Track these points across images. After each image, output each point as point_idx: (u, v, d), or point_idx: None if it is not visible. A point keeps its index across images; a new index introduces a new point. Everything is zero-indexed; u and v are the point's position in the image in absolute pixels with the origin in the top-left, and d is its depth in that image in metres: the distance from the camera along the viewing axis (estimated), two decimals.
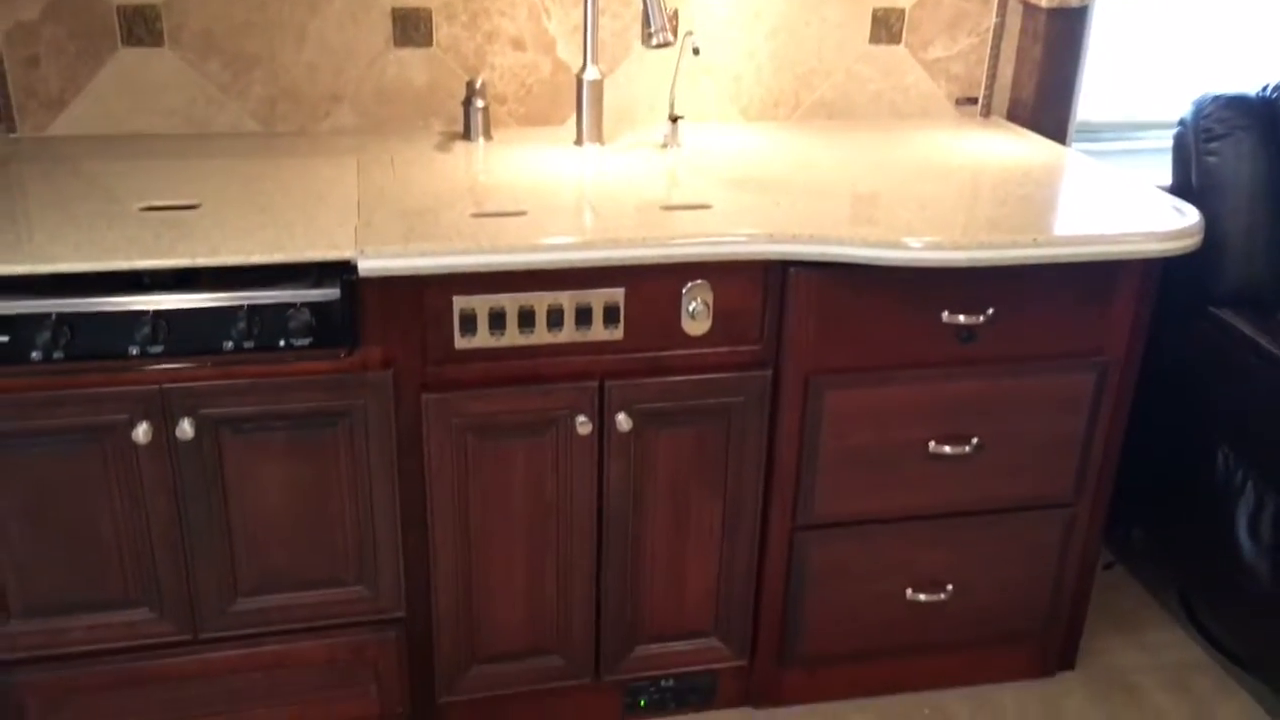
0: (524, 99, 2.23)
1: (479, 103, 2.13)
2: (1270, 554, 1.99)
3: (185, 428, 1.61)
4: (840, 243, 1.73)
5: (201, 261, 1.55)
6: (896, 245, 1.73)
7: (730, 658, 2.03)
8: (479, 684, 1.93)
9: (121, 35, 2.01)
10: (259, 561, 1.74)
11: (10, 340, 1.52)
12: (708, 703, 2.09)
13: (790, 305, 1.80)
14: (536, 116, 2.25)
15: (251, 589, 1.76)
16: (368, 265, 1.60)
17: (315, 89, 2.13)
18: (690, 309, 1.77)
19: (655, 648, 1.99)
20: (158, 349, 1.57)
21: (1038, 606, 2.11)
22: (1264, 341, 2.05)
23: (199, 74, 2.07)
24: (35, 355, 1.53)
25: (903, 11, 2.33)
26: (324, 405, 1.67)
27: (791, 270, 1.77)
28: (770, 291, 1.79)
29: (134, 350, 1.57)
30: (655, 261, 1.71)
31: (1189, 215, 1.86)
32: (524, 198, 1.85)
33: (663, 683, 2.05)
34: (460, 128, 2.21)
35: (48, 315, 1.52)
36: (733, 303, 1.79)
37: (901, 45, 2.36)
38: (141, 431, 1.60)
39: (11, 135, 2.04)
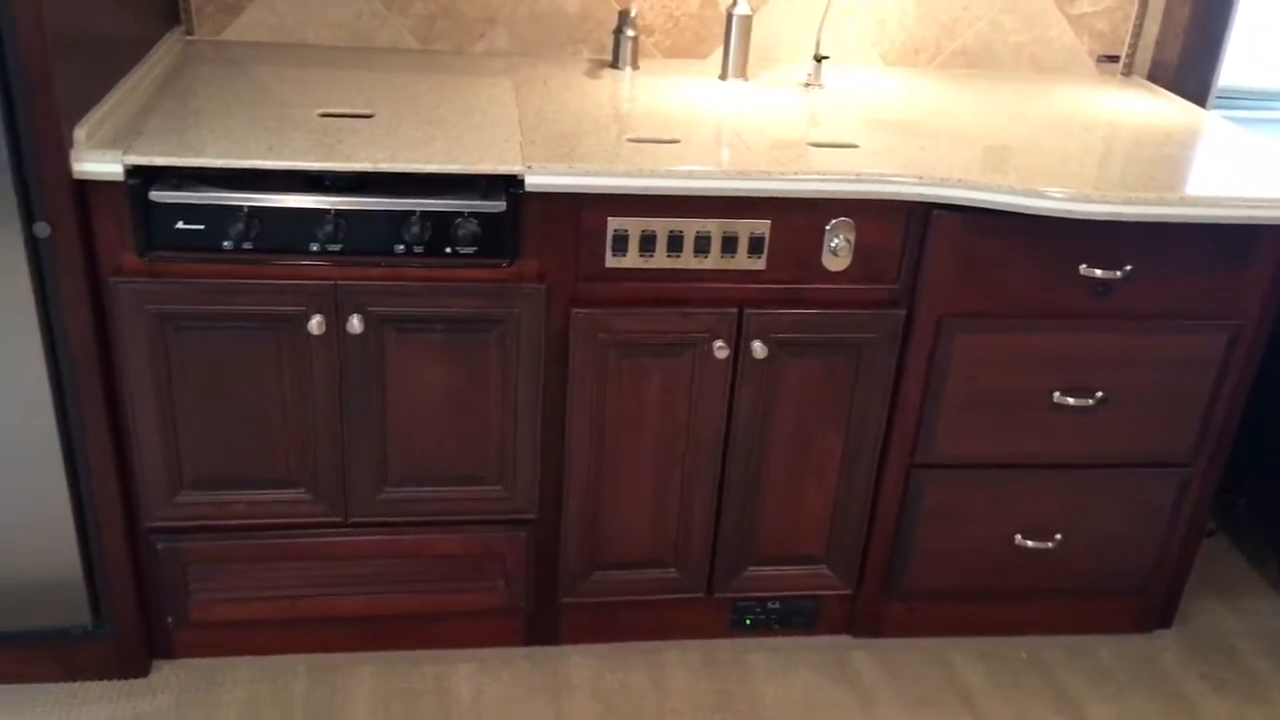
0: (670, 31, 2.28)
1: (629, 32, 2.18)
2: None
3: (354, 323, 1.71)
4: (986, 189, 1.77)
5: (384, 167, 1.64)
6: (1040, 194, 1.76)
7: (837, 585, 2.11)
8: (598, 589, 2.03)
9: None
10: (408, 454, 1.85)
11: (206, 229, 1.63)
12: (810, 627, 2.17)
13: (929, 247, 1.84)
14: (681, 49, 2.30)
15: (399, 479, 1.87)
16: (534, 181, 1.68)
17: (473, 9, 2.20)
18: (832, 245, 1.82)
19: (766, 569, 2.07)
20: (336, 247, 1.67)
21: (1142, 563, 2.15)
22: None
23: None
24: (227, 245, 1.64)
25: None
26: (481, 311, 1.76)
27: (935, 213, 1.81)
28: (911, 233, 1.84)
29: (314, 246, 1.67)
30: (804, 196, 1.77)
31: None
32: (674, 127, 1.91)
33: (769, 604, 2.13)
34: (608, 56, 2.27)
35: (241, 208, 1.62)
36: (874, 241, 1.83)
37: None
38: (315, 323, 1.70)
39: (189, 37, 2.14)
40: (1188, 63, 2.40)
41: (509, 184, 1.69)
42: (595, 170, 1.70)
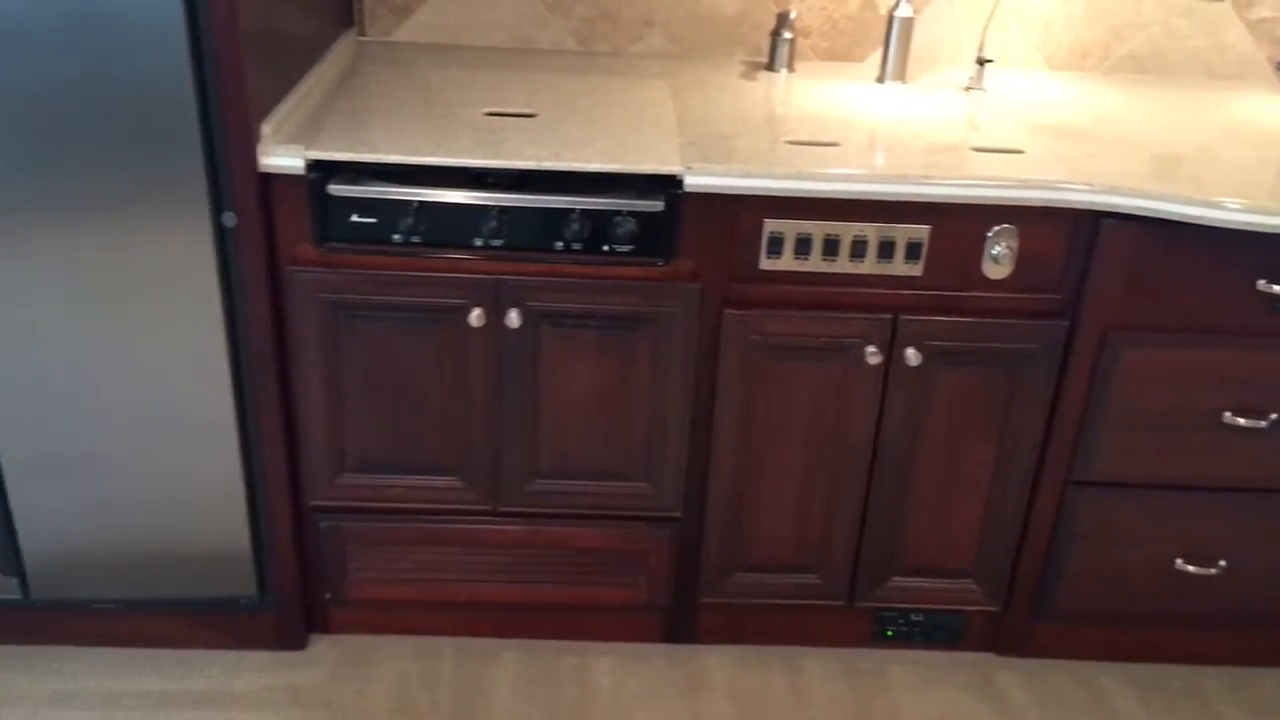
0: (828, 34, 2.26)
1: (787, 34, 2.18)
2: None
3: (513, 317, 1.76)
4: (1160, 198, 1.70)
5: (547, 165, 1.67)
6: (1216, 205, 1.69)
7: (983, 601, 2.06)
8: (739, 590, 2.03)
9: None
10: (559, 447, 1.89)
11: (377, 222, 1.69)
12: (953, 642, 2.12)
13: (1097, 257, 1.78)
14: (838, 52, 2.28)
15: (549, 472, 1.91)
16: (693, 181, 1.69)
17: (631, 11, 2.23)
18: (993, 252, 1.78)
19: (911, 581, 2.04)
20: (498, 242, 1.72)
21: None
22: None
23: None
24: (396, 238, 1.70)
25: None
26: (636, 309, 1.78)
27: (1105, 222, 1.75)
28: (1077, 242, 1.78)
29: (478, 241, 1.72)
30: (966, 202, 1.73)
31: None
32: (833, 129, 1.90)
33: (912, 616, 2.10)
34: (763, 58, 2.27)
35: (411, 203, 1.68)
36: (1037, 249, 1.78)
37: (1225, 2, 2.25)
38: (475, 316, 1.75)
39: (361, 38, 2.23)
40: None
41: (667, 184, 1.71)
42: (754, 171, 1.70)
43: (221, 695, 1.94)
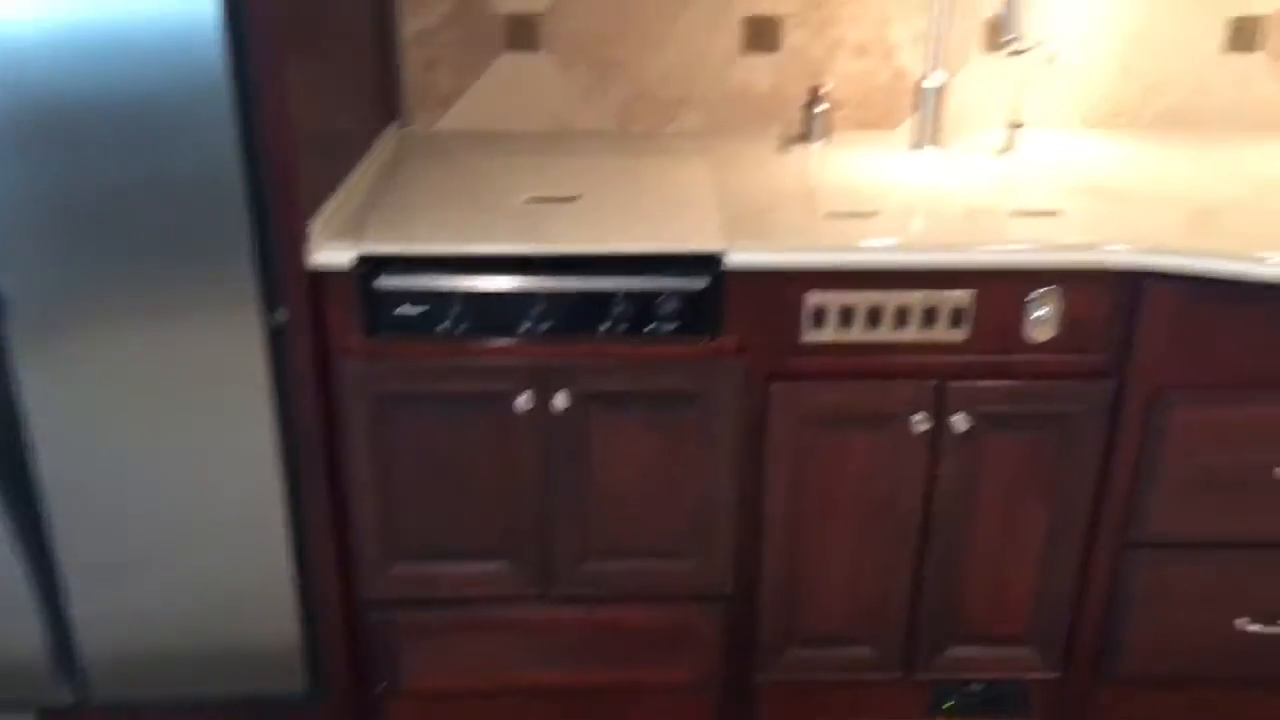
0: (860, 104, 2.29)
1: (819, 107, 2.21)
2: None
3: (559, 400, 1.77)
4: (1199, 255, 1.70)
5: (591, 249, 1.70)
6: (1260, 261, 1.68)
7: (1043, 669, 2.02)
8: (793, 666, 2.01)
9: (505, 40, 2.22)
10: (609, 528, 1.89)
11: (424, 313, 1.72)
12: (1017, 712, 2.08)
13: (1142, 317, 1.77)
14: (871, 121, 2.31)
15: (601, 553, 1.91)
16: (736, 259, 1.71)
17: (667, 92, 2.27)
18: (1036, 315, 1.78)
19: (967, 650, 2.01)
20: (544, 326, 1.74)
21: None
22: None
23: (568, 77, 2.25)
24: (444, 327, 1.73)
25: (1260, 19, 2.23)
26: (682, 387, 1.79)
27: (1147, 281, 1.75)
28: (1120, 301, 1.77)
29: (523, 327, 1.74)
30: (1004, 267, 1.74)
31: None
32: (871, 199, 1.92)
33: (971, 686, 2.06)
34: (797, 130, 2.29)
35: (456, 292, 1.71)
36: (1081, 311, 1.78)
37: (1259, 53, 2.26)
38: (523, 401, 1.77)
39: (405, 129, 2.29)
40: None
41: (709, 262, 1.72)
42: (797, 246, 1.72)
43: None
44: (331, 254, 1.69)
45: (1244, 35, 2.25)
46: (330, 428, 1.81)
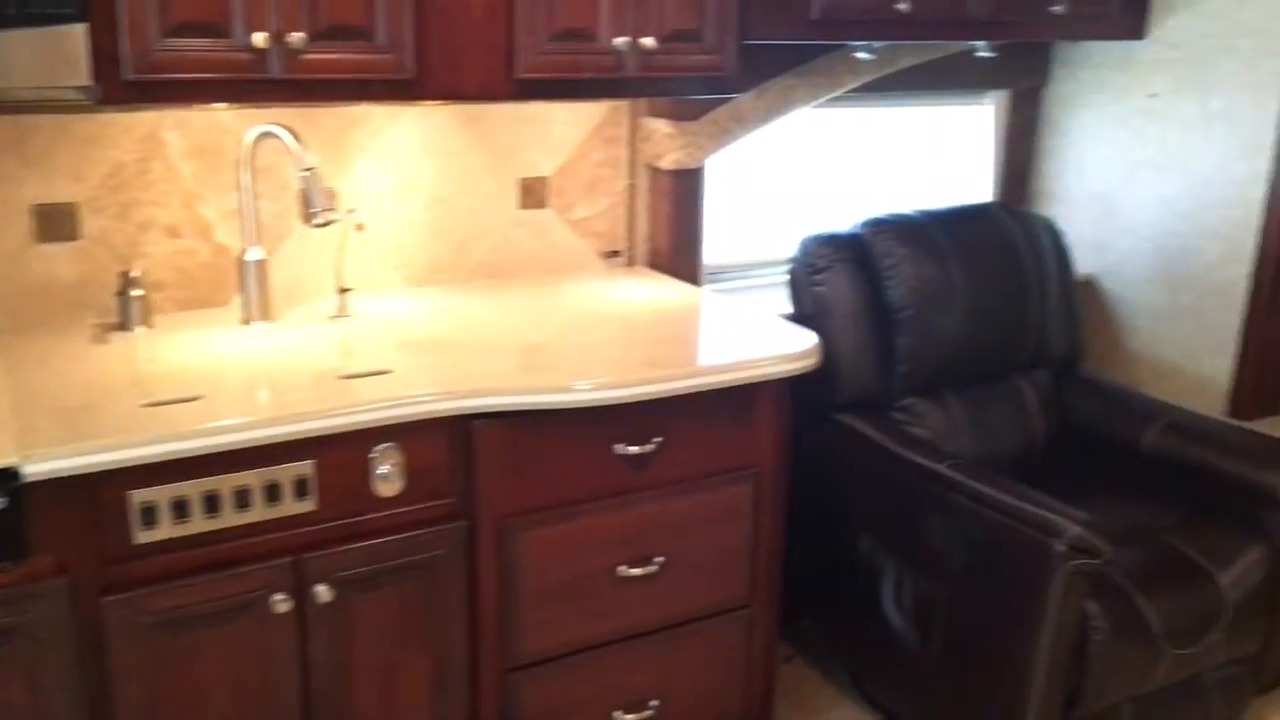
0: (184, 284, 2.22)
1: (134, 292, 2.09)
2: (914, 621, 2.28)
3: None
4: (517, 392, 1.87)
5: None
6: (568, 389, 1.90)
7: None
8: None
9: None
10: None
11: None
12: None
13: (478, 456, 1.90)
14: (199, 299, 2.24)
15: None
16: (35, 469, 1.54)
17: None
18: (381, 472, 1.82)
19: None
20: None
21: (732, 707, 2.28)
22: (877, 437, 2.39)
23: None
24: None
25: (545, 179, 2.56)
26: None
27: (475, 423, 1.88)
28: (457, 445, 1.88)
29: None
30: (341, 430, 1.76)
31: (808, 338, 2.17)
32: (196, 382, 1.84)
33: None
34: (114, 319, 2.15)
35: None
36: (422, 461, 1.86)
37: (548, 209, 2.59)
38: None
39: None
40: (676, 248, 2.71)
41: (5, 476, 1.53)
42: (107, 445, 1.58)
43: None
44: None
45: (534, 194, 2.57)
46: None
